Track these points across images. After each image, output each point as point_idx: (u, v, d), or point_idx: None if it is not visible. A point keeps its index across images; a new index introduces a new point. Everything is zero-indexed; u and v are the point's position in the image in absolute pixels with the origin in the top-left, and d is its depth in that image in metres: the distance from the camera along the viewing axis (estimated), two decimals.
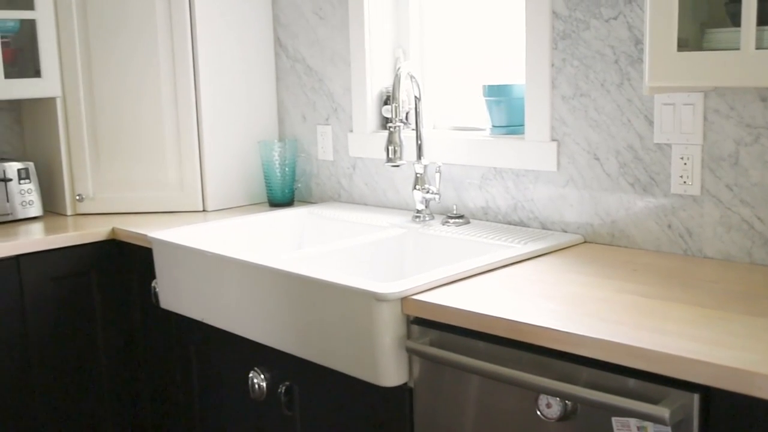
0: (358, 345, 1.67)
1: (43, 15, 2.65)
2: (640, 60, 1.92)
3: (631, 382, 1.32)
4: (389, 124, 2.14)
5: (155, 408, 2.55)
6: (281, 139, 2.89)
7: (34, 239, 2.43)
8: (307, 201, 2.83)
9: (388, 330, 1.62)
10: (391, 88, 2.53)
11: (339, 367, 1.74)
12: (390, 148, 2.12)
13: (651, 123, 1.92)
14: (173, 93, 2.67)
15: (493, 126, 2.27)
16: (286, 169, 2.73)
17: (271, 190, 2.75)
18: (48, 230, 2.55)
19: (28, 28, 2.68)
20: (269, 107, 2.87)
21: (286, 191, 2.75)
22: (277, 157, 2.72)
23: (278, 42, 2.84)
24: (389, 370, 1.64)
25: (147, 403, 2.58)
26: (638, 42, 1.91)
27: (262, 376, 2.01)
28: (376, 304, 1.61)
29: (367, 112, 2.56)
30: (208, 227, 2.42)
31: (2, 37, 2.60)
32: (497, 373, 1.46)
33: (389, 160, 2.14)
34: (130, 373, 2.61)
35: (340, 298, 1.68)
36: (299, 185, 2.82)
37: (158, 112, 2.69)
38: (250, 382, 2.02)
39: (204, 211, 2.74)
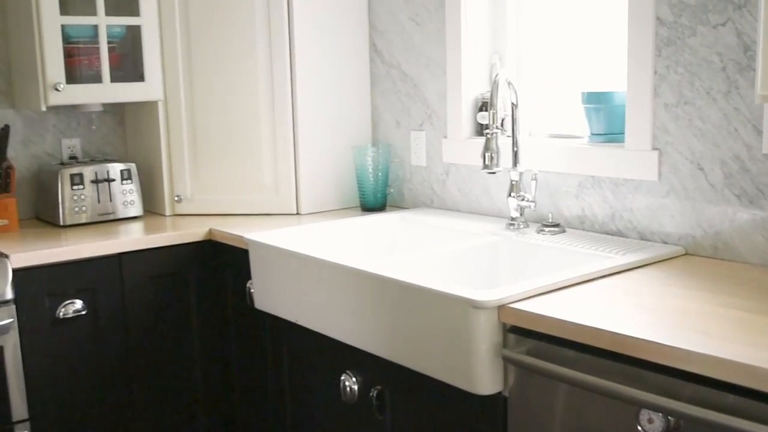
0: (452, 351, 1.66)
1: (147, 21, 2.73)
2: (750, 68, 1.86)
3: (735, 399, 1.28)
4: (486, 131, 2.12)
5: (246, 406, 2.59)
6: (375, 144, 2.90)
7: (135, 238, 2.50)
8: (399, 206, 2.84)
9: (484, 338, 1.61)
10: (486, 95, 2.52)
11: (432, 373, 1.74)
12: (486, 154, 2.11)
13: (759, 133, 1.86)
14: (270, 98, 2.72)
15: (592, 134, 2.23)
16: (379, 174, 2.75)
17: (363, 194, 2.77)
18: (148, 230, 2.62)
19: (134, 34, 2.76)
20: (363, 113, 2.89)
21: (379, 196, 2.76)
22: (370, 162, 2.73)
23: (374, 48, 2.86)
24: (484, 378, 1.63)
25: (239, 402, 2.63)
26: (748, 49, 1.86)
27: (354, 379, 2.02)
28: (473, 312, 1.60)
29: (462, 118, 2.55)
30: (302, 230, 2.45)
31: (109, 43, 2.69)
32: (598, 386, 1.44)
33: (485, 166, 2.12)
34: (223, 371, 2.66)
35: (436, 304, 1.68)
36: (392, 190, 2.84)
37: (255, 117, 2.74)
38: (341, 385, 2.04)
39: (297, 214, 2.78)
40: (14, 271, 2.26)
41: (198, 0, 2.72)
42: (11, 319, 2.24)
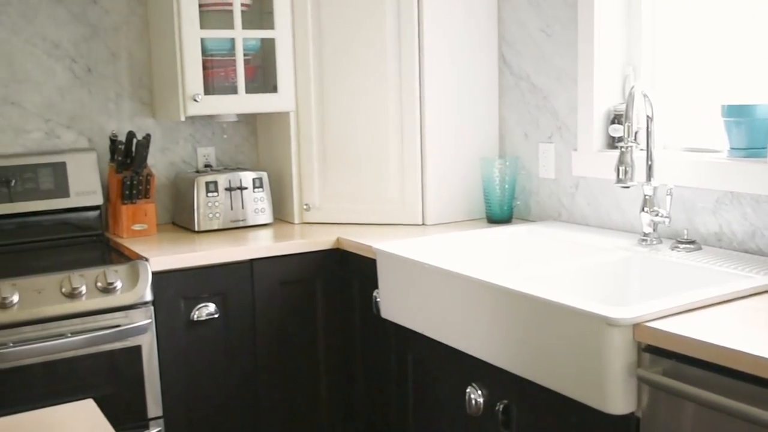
0: (584, 369, 1.63)
1: (281, 34, 2.81)
2: None
3: None
4: (620, 144, 2.08)
5: (370, 414, 2.62)
6: (502, 156, 2.89)
7: (265, 245, 2.57)
8: (525, 219, 2.81)
9: (618, 356, 1.57)
10: (619, 107, 2.47)
11: (562, 389, 1.71)
12: (621, 168, 2.07)
13: None
14: (399, 109, 2.74)
15: (732, 148, 2.15)
16: (506, 186, 2.73)
17: (490, 206, 2.75)
18: (277, 237, 2.69)
19: (268, 46, 2.85)
20: (491, 124, 2.88)
21: (505, 208, 2.74)
22: (497, 174, 2.72)
23: (502, 59, 2.85)
24: (617, 398, 1.59)
25: (362, 408, 2.65)
26: None
27: (480, 392, 2.01)
28: (607, 329, 1.56)
29: (594, 130, 2.50)
30: (428, 241, 2.46)
31: (245, 55, 2.77)
32: (737, 410, 1.38)
33: (619, 180, 2.08)
34: (347, 378, 2.70)
35: (569, 319, 1.65)
36: (518, 203, 2.81)
37: (384, 128, 2.77)
38: (467, 398, 2.03)
39: (423, 224, 2.79)
40: (153, 274, 2.36)
41: (330, 14, 2.77)
42: (149, 320, 2.34)
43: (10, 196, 2.66)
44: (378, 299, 2.38)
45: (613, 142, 2.50)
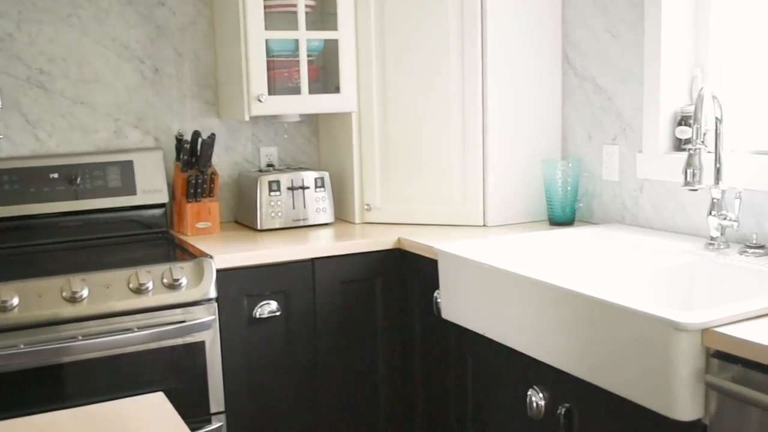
0: (650, 373, 1.61)
1: (344, 35, 2.83)
2: None
3: None
4: (688, 146, 2.05)
5: (428, 415, 2.62)
6: (564, 157, 2.86)
7: (327, 244, 2.59)
8: (587, 221, 2.78)
9: (686, 361, 1.55)
10: (686, 108, 2.43)
11: (626, 394, 1.69)
12: (689, 171, 2.03)
13: None
14: (461, 110, 2.74)
15: None
16: (569, 188, 2.71)
17: (551, 208, 2.73)
18: (338, 237, 2.71)
19: (331, 47, 2.87)
20: (554, 125, 2.86)
21: (567, 210, 2.72)
22: (560, 176, 2.70)
23: (566, 60, 2.82)
24: (684, 404, 1.56)
25: (420, 409, 2.66)
26: None
27: (541, 395, 2.00)
28: (675, 334, 1.54)
29: (659, 132, 2.47)
30: (490, 242, 2.45)
31: (308, 56, 2.80)
32: None
33: (687, 183, 2.05)
34: (405, 377, 2.70)
35: (635, 323, 1.63)
36: (581, 205, 2.79)
37: (446, 128, 2.77)
38: (528, 400, 2.02)
39: (484, 226, 2.78)
40: (217, 271, 2.40)
41: (393, 15, 2.79)
42: (213, 317, 2.38)
43: (77, 194, 2.73)
44: (438, 300, 2.38)
45: (679, 144, 2.46)
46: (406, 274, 2.64)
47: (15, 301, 2.15)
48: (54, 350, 2.19)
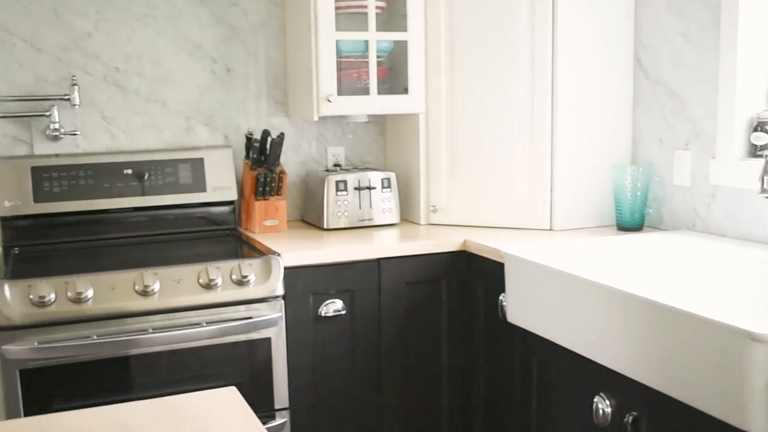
0: (723, 384, 1.58)
1: (414, 37, 2.83)
2: None
3: None
4: (765, 153, 2.00)
5: (491, 418, 2.61)
6: (634, 162, 2.83)
7: (393, 245, 2.60)
8: (657, 227, 2.74)
9: (761, 372, 1.51)
10: (763, 114, 2.38)
11: (696, 404, 1.66)
12: (765, 178, 1.99)
13: None
14: (530, 113, 2.72)
15: None
16: (638, 193, 2.67)
17: (620, 213, 2.70)
18: (404, 237, 2.71)
19: (400, 48, 2.88)
20: (624, 130, 2.82)
21: (636, 216, 2.68)
22: (629, 181, 2.66)
23: (638, 63, 2.78)
24: (758, 415, 1.53)
25: (483, 412, 2.65)
26: None
27: (608, 402, 1.97)
28: (750, 344, 1.51)
29: (734, 138, 2.42)
30: (557, 246, 2.43)
31: (377, 57, 2.82)
32: None
33: (764, 190, 2.00)
34: (469, 380, 2.70)
35: (707, 332, 1.60)
36: (650, 210, 2.74)
37: (514, 130, 2.75)
38: (594, 407, 2.00)
39: (550, 230, 2.76)
40: (285, 269, 2.42)
41: (463, 16, 2.78)
42: (280, 314, 2.41)
43: (149, 190, 2.79)
44: (504, 303, 2.37)
45: (755, 151, 2.41)
46: (472, 277, 2.63)
47: (90, 293, 2.21)
48: (125, 342, 2.24)
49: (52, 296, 2.18)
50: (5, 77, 2.72)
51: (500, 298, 2.42)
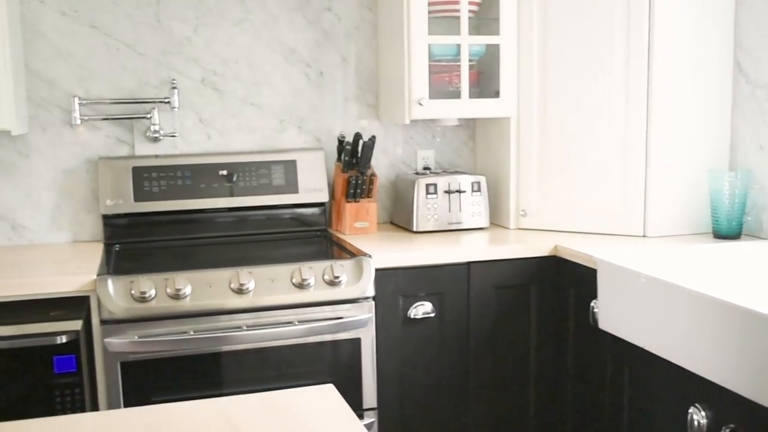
0: None
1: (506, 40, 2.83)
2: None
3: None
4: None
5: (579, 425, 2.58)
6: (732, 168, 2.76)
7: (482, 249, 2.60)
8: (755, 235, 2.66)
9: None
10: None
11: None
12: None
13: None
14: (624, 116, 2.69)
15: None
16: (736, 200, 2.60)
17: (717, 221, 2.64)
18: (493, 241, 2.71)
19: (492, 52, 2.88)
20: (721, 134, 2.75)
21: (734, 224, 2.62)
22: (727, 188, 2.60)
23: (738, 66, 2.71)
24: None
25: (571, 419, 2.62)
26: None
27: (704, 414, 1.93)
28: None
29: None
30: (651, 252, 2.39)
31: (469, 60, 2.82)
32: None
33: None
34: (557, 386, 2.67)
35: None
36: (749, 218, 2.67)
37: (607, 135, 2.72)
38: (689, 418, 1.96)
39: (644, 236, 2.71)
40: (375, 270, 2.45)
41: (556, 20, 2.76)
42: (370, 315, 2.43)
43: (243, 190, 2.86)
44: (596, 310, 2.35)
45: None
46: (562, 282, 2.61)
47: (188, 290, 2.28)
48: (219, 338, 2.31)
49: (153, 292, 2.26)
50: (109, 80, 2.83)
51: (591, 304, 2.39)
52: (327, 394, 1.34)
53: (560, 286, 2.62)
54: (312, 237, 2.91)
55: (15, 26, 2.62)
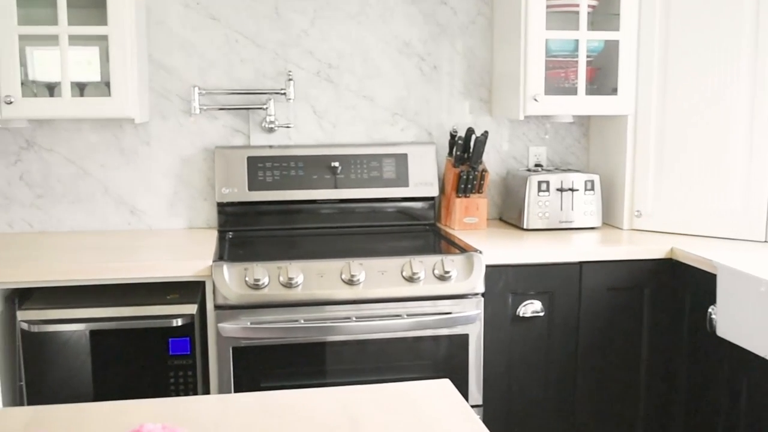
0: None
1: (626, 36, 2.76)
2: None
3: None
4: None
5: (688, 430, 2.50)
6: None
7: (595, 249, 2.55)
8: None
9: None
10: None
11: None
12: None
13: None
14: (749, 117, 2.58)
15: None
16: None
17: None
18: (606, 241, 2.65)
19: (611, 48, 2.81)
20: None
21: None
22: None
23: None
24: None
25: (681, 424, 2.54)
26: None
27: None
28: None
29: None
30: None
31: (587, 57, 2.76)
32: None
33: None
34: (668, 393, 2.60)
35: None
36: None
37: (730, 135, 2.62)
38: None
39: (765, 241, 2.60)
40: (486, 266, 2.43)
41: (680, 17, 2.67)
42: (479, 311, 2.41)
43: (354, 182, 2.88)
44: (714, 316, 2.27)
45: None
46: (678, 286, 2.53)
47: (300, 279, 2.31)
48: (328, 328, 2.33)
49: (266, 280, 2.30)
50: (228, 72, 2.89)
51: (709, 310, 2.31)
52: (444, 389, 1.33)
53: (675, 290, 2.54)
54: (420, 231, 2.91)
55: (141, 18, 2.71)
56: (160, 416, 1.24)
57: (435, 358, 2.43)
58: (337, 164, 2.88)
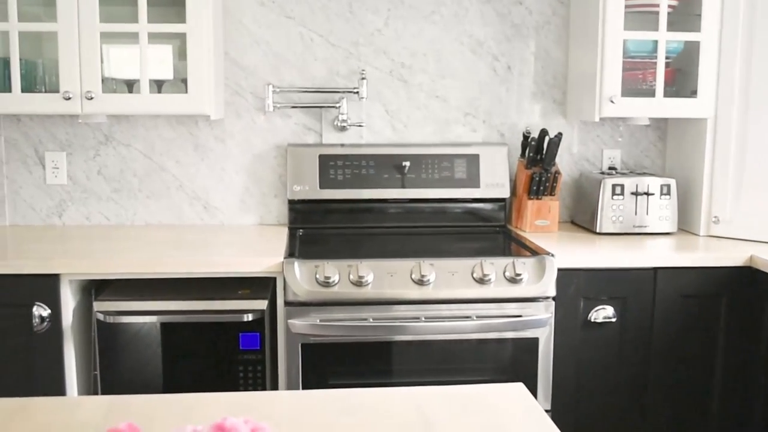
0: None
1: (708, 37, 2.69)
2: None
3: None
4: None
5: None
6: None
7: (670, 255, 2.49)
8: None
9: None
10: None
11: None
12: None
13: None
14: None
15: None
16: None
17: None
18: (681, 248, 2.59)
19: (691, 49, 2.74)
20: None
21: None
22: None
23: None
24: None
25: None
26: None
27: None
28: None
29: None
30: None
31: (666, 58, 2.70)
32: None
33: None
34: (743, 405, 2.52)
35: None
36: None
37: None
38: None
39: None
40: (558, 270, 2.40)
41: (765, 17, 2.59)
42: (549, 315, 2.38)
43: (425, 182, 2.87)
44: None
45: None
46: (757, 295, 2.46)
47: (370, 278, 2.31)
48: (397, 328, 2.33)
49: (336, 278, 2.30)
50: (302, 70, 2.91)
51: None
52: (518, 393, 1.31)
53: (754, 299, 2.47)
54: (490, 233, 2.89)
55: (218, 16, 2.74)
56: (237, 409, 1.25)
57: (502, 361, 2.40)
58: (407, 164, 2.87)
